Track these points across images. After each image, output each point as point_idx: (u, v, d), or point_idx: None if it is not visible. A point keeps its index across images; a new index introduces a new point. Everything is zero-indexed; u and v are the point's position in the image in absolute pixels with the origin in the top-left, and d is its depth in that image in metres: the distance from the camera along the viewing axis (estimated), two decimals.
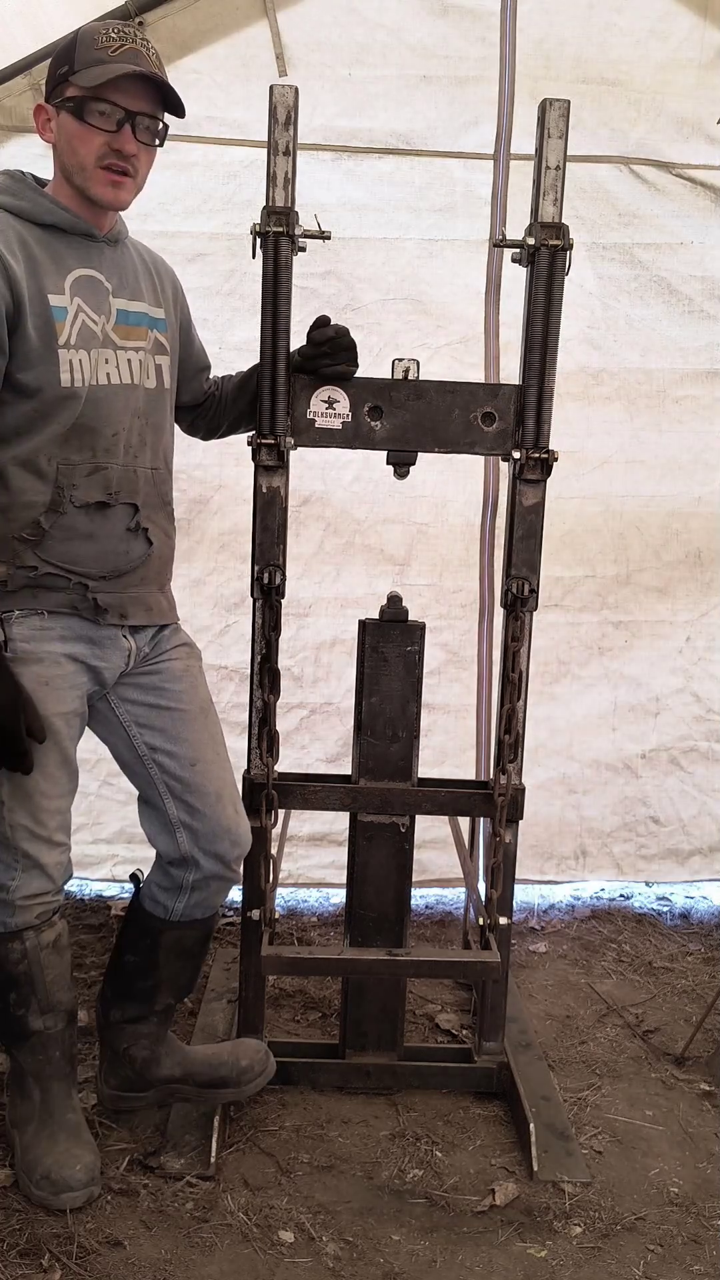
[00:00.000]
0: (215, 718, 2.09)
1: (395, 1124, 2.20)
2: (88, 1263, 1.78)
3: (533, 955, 2.98)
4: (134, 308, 1.92)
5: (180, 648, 2.06)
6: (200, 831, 1.99)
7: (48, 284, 1.78)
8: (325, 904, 3.23)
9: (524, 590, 2.13)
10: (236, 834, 2.03)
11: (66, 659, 1.87)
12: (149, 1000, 2.08)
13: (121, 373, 1.87)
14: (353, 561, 3.10)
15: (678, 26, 2.83)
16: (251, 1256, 1.82)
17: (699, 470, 3.10)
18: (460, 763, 3.09)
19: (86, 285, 1.84)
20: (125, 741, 2.01)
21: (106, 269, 1.88)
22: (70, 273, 1.82)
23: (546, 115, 1.99)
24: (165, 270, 2.06)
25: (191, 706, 2.02)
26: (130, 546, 1.91)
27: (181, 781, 1.99)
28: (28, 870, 1.87)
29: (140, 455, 1.92)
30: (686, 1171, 2.09)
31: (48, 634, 1.85)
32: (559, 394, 2.23)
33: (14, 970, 1.91)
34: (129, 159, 1.79)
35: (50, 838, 1.88)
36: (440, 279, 2.97)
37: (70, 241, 1.84)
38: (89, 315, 1.83)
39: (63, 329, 1.78)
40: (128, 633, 1.95)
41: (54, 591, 1.85)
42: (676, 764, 3.24)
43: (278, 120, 1.96)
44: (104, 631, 1.91)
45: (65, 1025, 1.97)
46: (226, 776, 2.05)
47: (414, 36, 2.81)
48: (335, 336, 2.03)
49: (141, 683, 2.00)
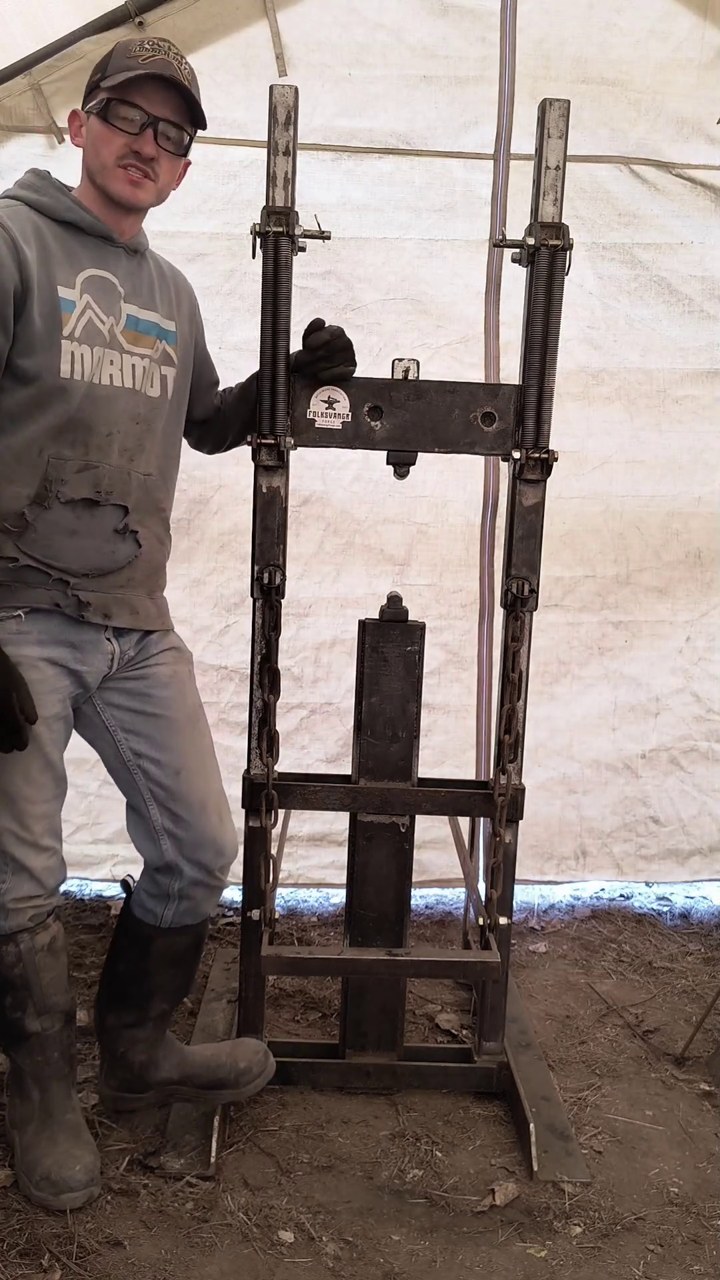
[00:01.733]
0: (204, 725, 2.08)
1: (395, 1124, 2.20)
2: (88, 1263, 1.78)
3: (533, 955, 2.98)
4: (145, 316, 1.92)
5: (168, 652, 2.04)
6: (184, 840, 1.99)
7: (58, 276, 1.79)
8: (325, 904, 3.23)
9: (524, 590, 2.12)
10: (220, 843, 2.02)
11: (45, 663, 1.85)
12: (143, 1006, 2.08)
13: (124, 376, 1.87)
14: (353, 561, 3.10)
15: (678, 26, 2.83)
16: (251, 1256, 1.82)
17: (699, 470, 3.10)
18: (460, 763, 3.09)
19: (98, 285, 1.84)
20: (111, 747, 2.01)
21: (121, 274, 1.88)
22: (83, 270, 1.83)
23: (546, 115, 1.99)
24: (184, 286, 2.06)
25: (178, 714, 2.01)
26: (117, 547, 1.90)
27: (166, 789, 1.99)
28: (16, 874, 1.87)
29: (136, 459, 1.91)
30: (686, 1171, 2.09)
31: (25, 637, 1.84)
32: (559, 394, 2.23)
33: (9, 973, 1.91)
34: (149, 162, 1.81)
35: (36, 842, 1.88)
36: (440, 279, 2.97)
37: (87, 242, 1.85)
38: (97, 314, 1.83)
39: (68, 320, 1.79)
40: (111, 635, 1.93)
41: (33, 587, 1.84)
42: (676, 764, 3.24)
43: (278, 120, 1.96)
44: (85, 634, 1.89)
45: (63, 1026, 1.97)
46: (212, 785, 2.04)
47: (414, 36, 2.82)
48: (330, 340, 2.02)
49: (127, 688, 1.98)
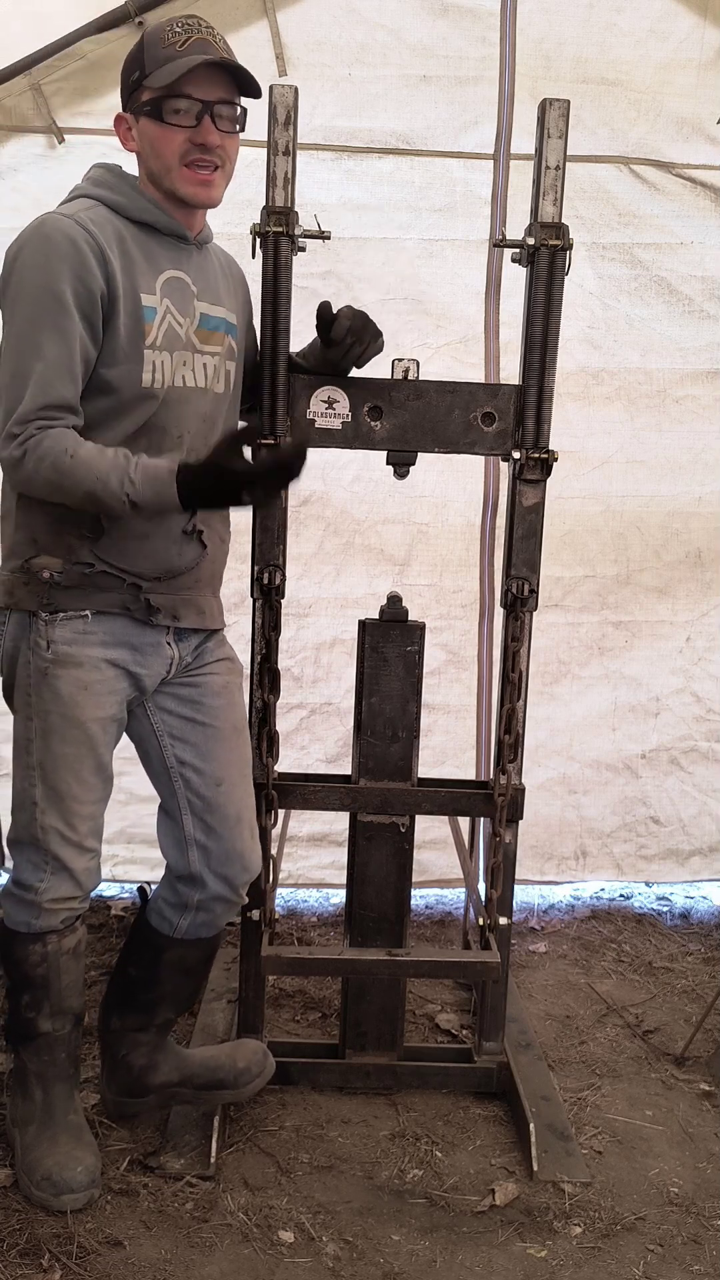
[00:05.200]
0: (246, 738, 2.07)
1: (395, 1124, 2.20)
2: (88, 1263, 1.78)
3: (533, 955, 2.98)
4: (214, 313, 1.91)
5: (222, 662, 2.04)
6: (213, 852, 1.98)
7: (141, 283, 1.77)
8: (325, 904, 3.23)
9: (524, 590, 2.12)
10: (248, 859, 2.02)
11: (107, 664, 1.85)
12: (149, 1013, 2.08)
13: (197, 376, 1.86)
14: (353, 561, 3.09)
15: (678, 26, 2.83)
16: (251, 1256, 1.82)
17: (699, 470, 3.10)
18: (460, 763, 3.09)
19: (176, 287, 1.83)
20: (156, 751, 2.00)
21: (194, 272, 1.87)
22: (162, 273, 1.81)
23: (546, 115, 1.99)
24: (238, 273, 2.05)
25: (225, 725, 2.01)
26: (184, 549, 1.89)
27: (204, 800, 1.98)
28: (57, 873, 1.87)
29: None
30: (686, 1171, 2.09)
31: (89, 638, 1.83)
32: (559, 394, 2.23)
33: (32, 972, 1.91)
34: (214, 150, 1.77)
35: (81, 843, 1.88)
36: (440, 279, 2.97)
37: (163, 241, 1.83)
38: (175, 318, 1.81)
39: (150, 330, 1.77)
40: (172, 640, 1.93)
41: (106, 591, 1.84)
42: (676, 764, 3.24)
43: (277, 120, 1.96)
44: (148, 636, 1.89)
45: (72, 1028, 1.97)
46: (248, 800, 2.04)
47: (414, 36, 2.81)
48: (352, 324, 1.95)
49: (180, 694, 1.98)
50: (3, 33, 2.73)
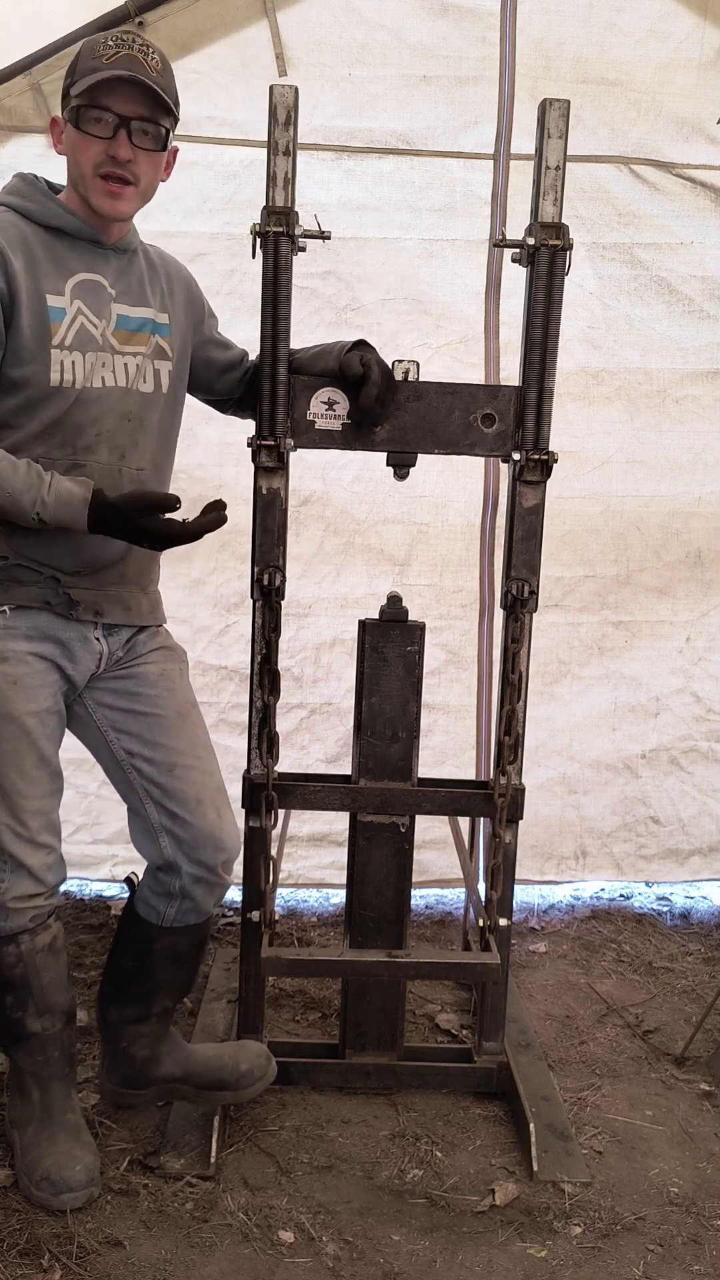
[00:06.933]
0: (197, 721, 2.06)
1: (395, 1124, 2.20)
2: (88, 1263, 1.78)
3: (533, 955, 2.98)
4: (136, 314, 1.91)
5: (158, 651, 2.03)
6: (182, 838, 1.98)
7: (47, 284, 1.79)
8: (325, 904, 3.23)
9: (524, 592, 2.12)
10: (220, 839, 1.99)
11: (33, 657, 1.86)
12: (146, 1003, 2.08)
13: (117, 376, 1.87)
14: (353, 562, 3.10)
15: (678, 26, 2.83)
16: (251, 1256, 1.82)
17: (699, 470, 3.10)
18: (460, 763, 3.09)
19: (89, 289, 1.84)
20: (105, 748, 2.01)
21: (111, 275, 1.88)
22: (72, 276, 1.83)
23: (546, 115, 1.99)
24: (178, 273, 2.04)
25: (168, 710, 2.00)
26: (108, 543, 1.89)
27: (160, 787, 1.98)
28: (15, 871, 1.87)
29: (129, 455, 1.91)
30: (686, 1171, 2.09)
31: (12, 633, 1.84)
32: (559, 394, 2.23)
33: (10, 974, 1.91)
34: (126, 165, 1.78)
35: (34, 839, 1.88)
36: (440, 279, 2.97)
37: (76, 245, 1.85)
38: (89, 319, 1.83)
39: (58, 330, 1.80)
40: (100, 635, 1.93)
41: (24, 585, 1.85)
42: (676, 764, 3.24)
43: (278, 120, 1.96)
44: (73, 632, 1.90)
45: (63, 1026, 1.97)
46: (208, 781, 2.02)
47: (414, 36, 2.81)
48: (379, 393, 1.98)
49: (115, 687, 1.98)
50: (3, 33, 2.74)
